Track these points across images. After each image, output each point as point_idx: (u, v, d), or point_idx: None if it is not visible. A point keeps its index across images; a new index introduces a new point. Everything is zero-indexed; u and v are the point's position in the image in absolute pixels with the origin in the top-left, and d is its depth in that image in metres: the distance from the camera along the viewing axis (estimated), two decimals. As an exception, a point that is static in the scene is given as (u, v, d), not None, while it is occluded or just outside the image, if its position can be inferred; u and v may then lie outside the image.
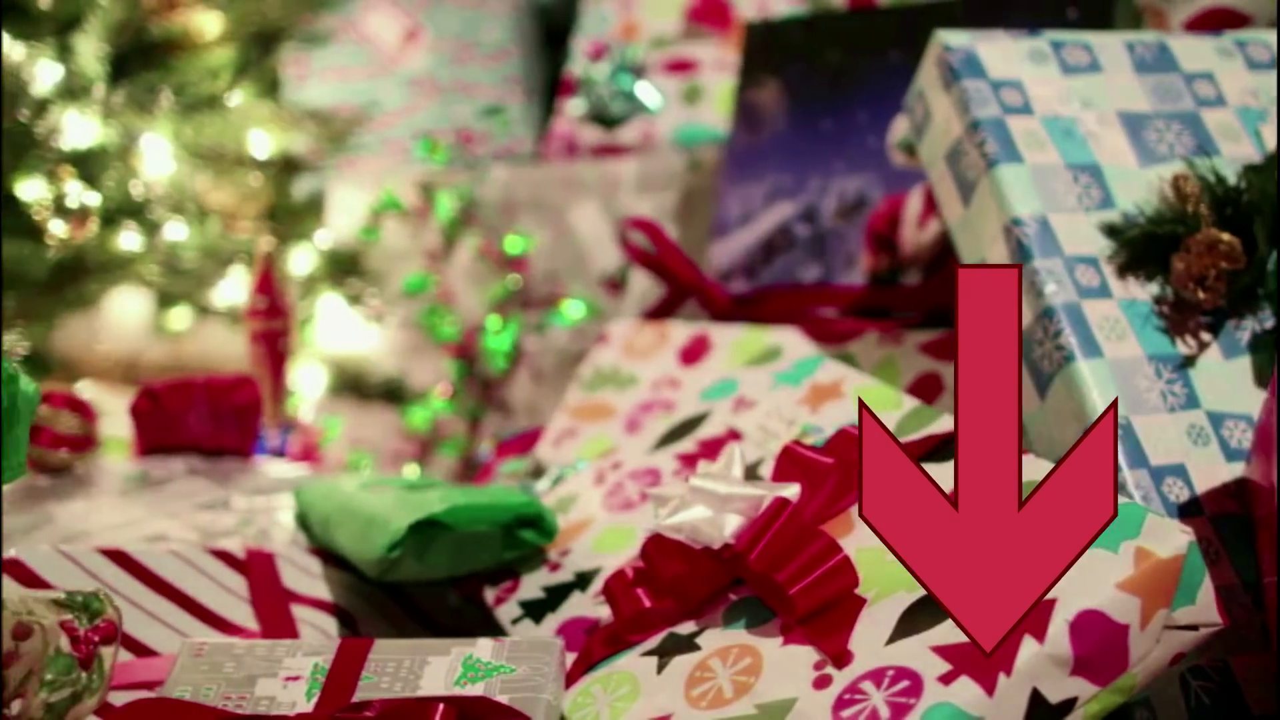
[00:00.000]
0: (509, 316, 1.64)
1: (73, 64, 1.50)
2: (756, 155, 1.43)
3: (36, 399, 0.93)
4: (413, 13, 1.93)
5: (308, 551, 1.18)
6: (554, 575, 1.06)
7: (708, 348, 1.32)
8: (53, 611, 0.78)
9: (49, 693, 0.77)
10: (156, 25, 1.57)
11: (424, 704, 0.85)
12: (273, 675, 0.92)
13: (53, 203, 1.48)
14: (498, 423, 1.67)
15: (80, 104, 1.51)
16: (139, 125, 1.55)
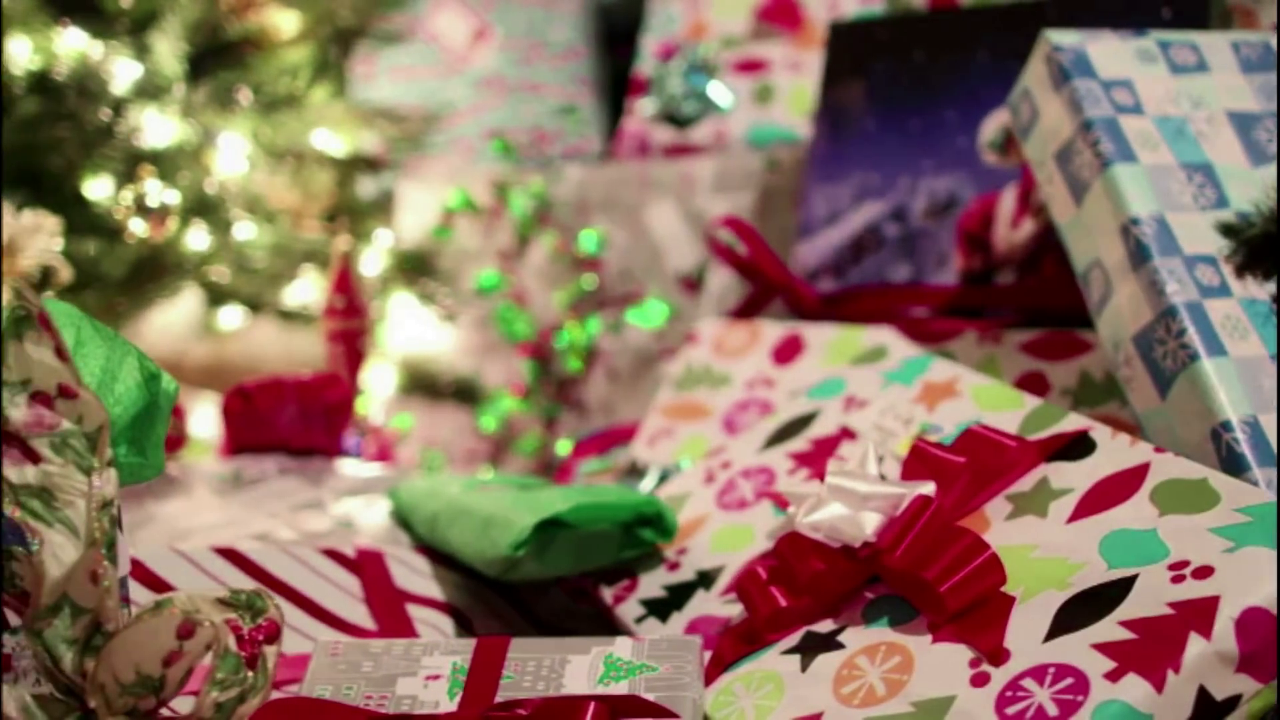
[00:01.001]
0: (585, 316, 1.64)
1: (150, 63, 1.49)
2: (842, 155, 1.44)
3: (175, 396, 0.93)
4: (481, 12, 1.93)
5: (414, 551, 1.18)
6: (674, 574, 1.06)
7: (801, 347, 1.32)
8: (219, 610, 0.78)
9: (219, 692, 0.77)
10: (233, 24, 1.57)
11: (576, 702, 0.85)
12: (413, 674, 0.92)
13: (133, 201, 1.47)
14: (573, 422, 1.67)
15: (160, 103, 1.51)
16: (218, 124, 1.55)
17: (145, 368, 0.91)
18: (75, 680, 0.79)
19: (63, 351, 0.79)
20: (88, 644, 0.79)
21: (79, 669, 0.79)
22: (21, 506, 0.78)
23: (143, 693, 0.78)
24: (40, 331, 0.78)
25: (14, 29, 1.47)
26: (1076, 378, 1.19)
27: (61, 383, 0.79)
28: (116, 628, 0.79)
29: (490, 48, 1.90)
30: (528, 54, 1.91)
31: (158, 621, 0.76)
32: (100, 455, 0.79)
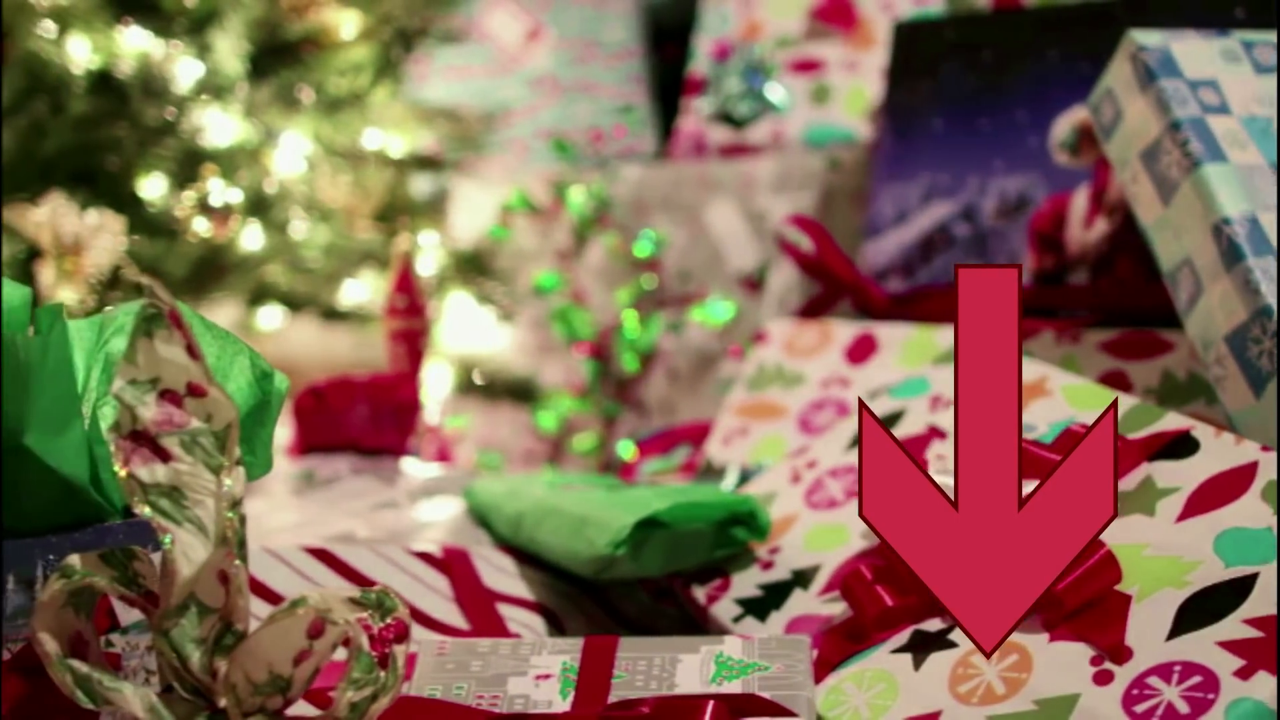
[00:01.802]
0: (645, 316, 1.64)
1: (211, 61, 1.49)
2: (909, 155, 1.44)
3: (285, 395, 0.92)
4: (534, 12, 1.92)
5: (499, 550, 1.17)
6: (768, 574, 1.06)
7: (875, 346, 1.32)
8: (351, 610, 0.77)
9: (354, 691, 0.76)
10: (293, 23, 1.57)
11: (695, 701, 0.85)
12: (523, 674, 0.92)
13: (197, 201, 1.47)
14: (632, 422, 1.67)
15: (222, 102, 1.50)
16: (279, 124, 1.55)
17: (257, 366, 0.90)
18: (203, 680, 0.79)
19: (194, 349, 0.78)
20: (218, 643, 0.78)
21: (208, 669, 0.79)
22: (151, 505, 0.78)
23: (271, 692, 0.78)
24: (170, 329, 0.78)
25: (74, 28, 1.47)
26: (1159, 377, 1.19)
27: (191, 381, 0.79)
28: (246, 627, 0.79)
29: (543, 48, 1.90)
30: (582, 54, 1.90)
31: (291, 621, 0.76)
32: (229, 454, 0.79)
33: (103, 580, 0.80)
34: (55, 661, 0.78)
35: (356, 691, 0.76)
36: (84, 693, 0.79)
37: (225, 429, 0.79)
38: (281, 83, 1.56)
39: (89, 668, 0.79)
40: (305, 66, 1.57)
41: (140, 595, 0.81)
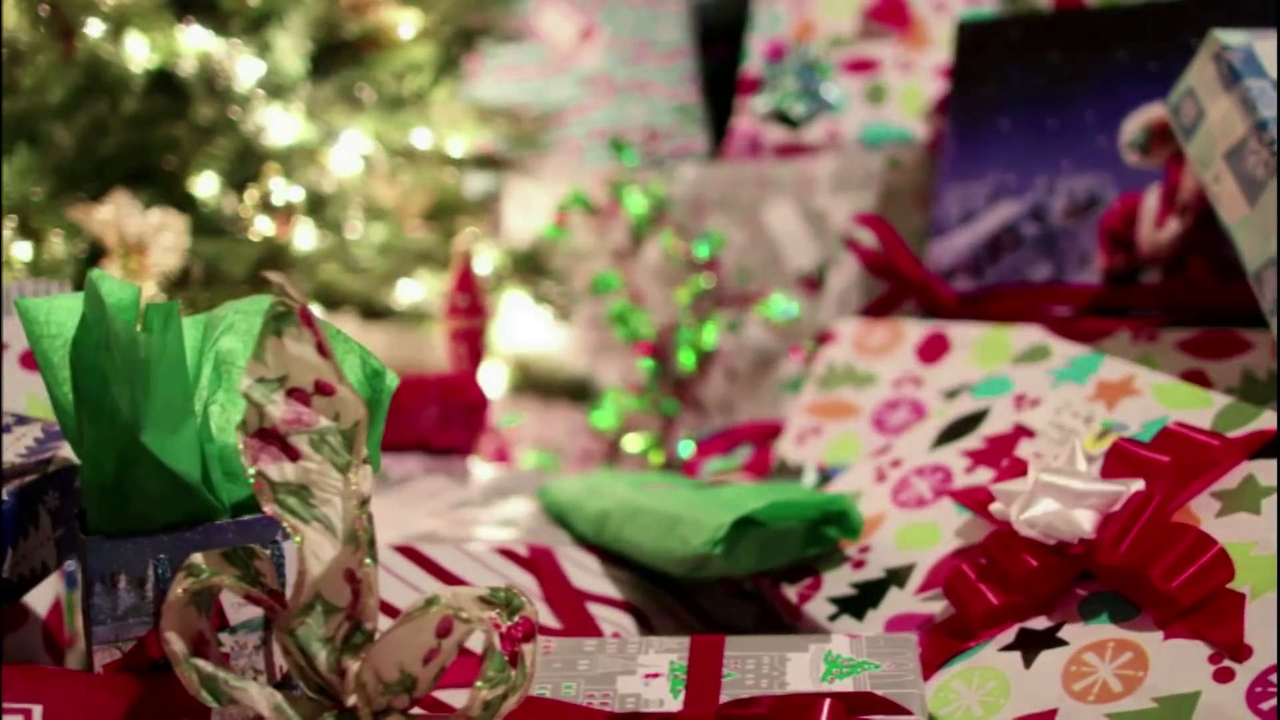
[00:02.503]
0: (705, 315, 1.63)
1: (271, 60, 1.49)
2: (975, 154, 1.44)
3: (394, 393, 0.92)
4: (588, 11, 1.92)
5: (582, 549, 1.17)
6: (861, 572, 1.06)
7: (947, 345, 1.32)
8: (481, 609, 0.77)
9: (488, 690, 0.76)
10: (353, 22, 1.56)
11: (811, 700, 0.85)
12: (631, 673, 0.92)
13: (259, 200, 1.46)
14: (690, 422, 1.67)
15: (284, 101, 1.50)
16: (340, 122, 1.54)
17: (368, 364, 0.90)
18: (330, 679, 0.79)
19: (324, 348, 0.78)
20: (347, 642, 0.78)
21: (335, 668, 0.78)
22: (279, 504, 0.78)
23: (399, 691, 0.78)
24: (300, 327, 0.78)
25: (132, 27, 1.46)
26: (1239, 376, 1.19)
27: (319, 379, 0.79)
28: (375, 627, 0.79)
29: (596, 47, 1.90)
30: (635, 53, 1.90)
31: (424, 620, 0.76)
32: (356, 452, 0.79)
33: (228, 579, 0.80)
34: (182, 661, 0.78)
35: (490, 690, 0.76)
36: (209, 692, 0.79)
37: (353, 427, 0.79)
38: (343, 82, 1.55)
39: (213, 667, 0.79)
40: (365, 66, 1.56)
41: (266, 594, 0.81)
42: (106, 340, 0.83)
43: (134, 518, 0.87)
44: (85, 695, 0.83)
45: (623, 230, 1.70)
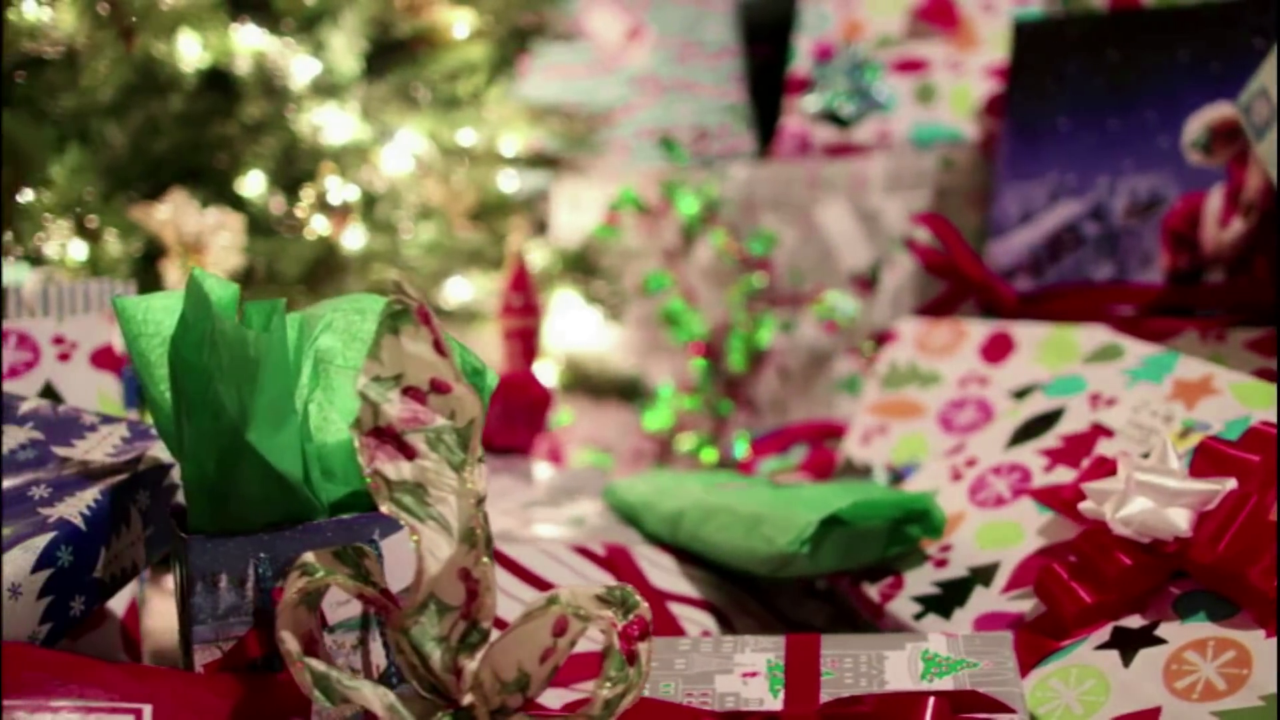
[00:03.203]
0: (758, 314, 1.63)
1: (326, 59, 1.48)
2: (1034, 154, 1.44)
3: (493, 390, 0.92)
4: (635, 11, 1.92)
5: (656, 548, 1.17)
6: (944, 571, 1.06)
7: (1011, 345, 1.32)
8: (599, 607, 0.77)
9: (609, 689, 0.76)
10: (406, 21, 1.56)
11: (915, 698, 0.85)
12: (728, 671, 0.92)
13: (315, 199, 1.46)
14: (742, 421, 1.67)
15: (339, 100, 1.49)
16: (395, 122, 1.54)
17: (468, 362, 0.90)
18: (444, 678, 0.78)
19: (441, 346, 0.78)
20: (463, 641, 0.78)
21: (450, 667, 0.78)
22: (395, 502, 0.78)
23: (514, 690, 0.78)
24: (417, 326, 0.78)
25: (185, 25, 1.46)
26: (1311, 375, 1.20)
27: (435, 377, 0.78)
28: (491, 626, 0.78)
29: (644, 47, 1.89)
30: (682, 53, 1.90)
31: (544, 619, 0.76)
32: (471, 450, 0.79)
33: (341, 577, 0.80)
34: (296, 660, 0.78)
35: (611, 689, 0.76)
36: (322, 691, 0.78)
37: (468, 425, 0.79)
38: (398, 81, 1.55)
39: (325, 666, 0.79)
40: (418, 65, 1.56)
41: (379, 593, 0.81)
42: (211, 338, 0.83)
43: (235, 517, 0.87)
44: (192, 695, 0.82)
45: (673, 230, 1.70)
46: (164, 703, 0.81)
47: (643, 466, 1.70)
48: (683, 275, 1.69)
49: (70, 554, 0.90)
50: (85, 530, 0.91)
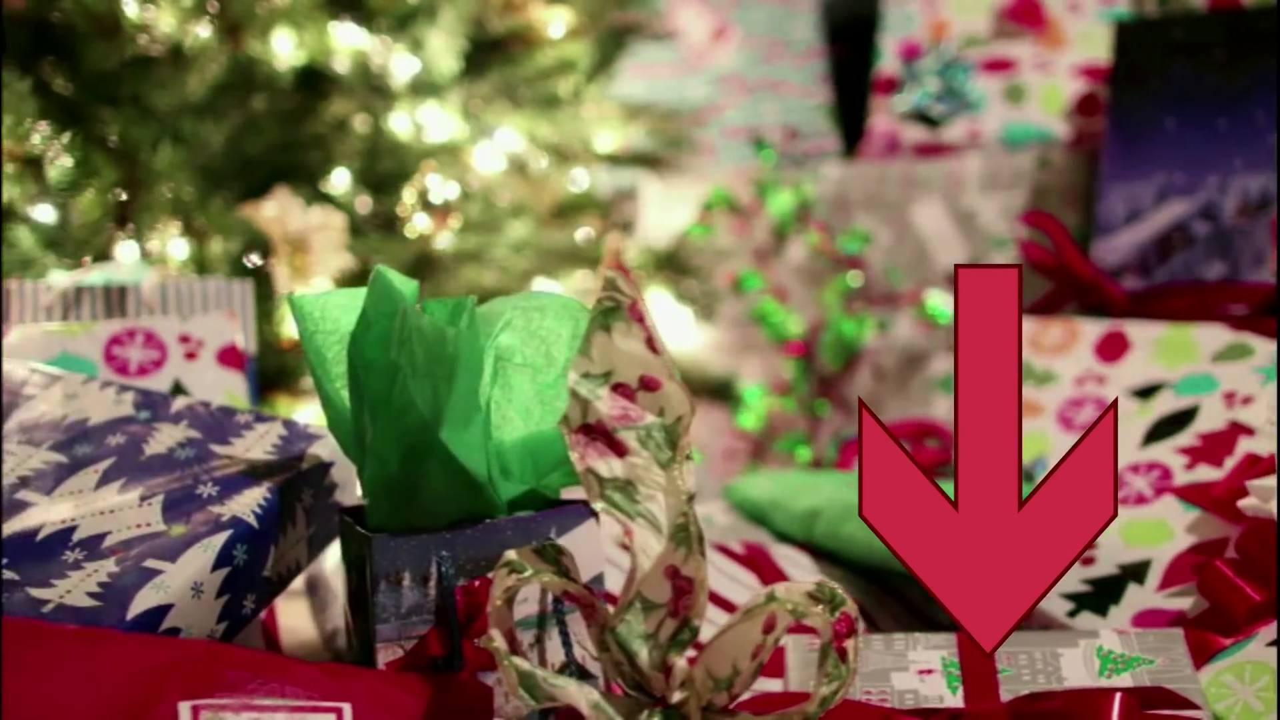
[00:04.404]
0: (853, 314, 1.63)
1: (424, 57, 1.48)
2: (1140, 154, 1.44)
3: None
4: (721, 10, 1.91)
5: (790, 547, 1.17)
6: (1091, 569, 1.06)
7: (1126, 344, 1.33)
8: (810, 604, 0.77)
9: (826, 686, 0.76)
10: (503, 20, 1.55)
11: (1103, 694, 0.85)
12: (903, 669, 0.92)
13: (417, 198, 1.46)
14: (837, 421, 1.67)
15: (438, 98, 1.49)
16: (494, 120, 1.53)
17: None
18: (652, 676, 0.78)
19: (654, 343, 0.78)
20: (674, 639, 0.78)
21: (658, 665, 0.78)
22: (606, 500, 0.77)
23: (723, 688, 0.78)
24: (629, 323, 0.78)
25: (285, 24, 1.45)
26: None
27: (644, 374, 0.78)
28: (701, 624, 0.78)
29: (730, 46, 1.89)
30: (768, 52, 1.90)
31: (759, 615, 0.76)
32: (680, 448, 0.78)
33: (549, 576, 0.80)
34: (504, 659, 0.78)
35: (828, 685, 0.76)
36: (527, 690, 0.78)
37: (676, 423, 0.79)
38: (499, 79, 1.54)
39: (530, 665, 0.78)
40: (515, 64, 1.56)
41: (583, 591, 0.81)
42: (400, 334, 0.83)
43: (419, 515, 0.87)
44: (387, 693, 0.82)
45: (764, 229, 1.70)
46: (361, 701, 0.81)
47: (736, 467, 1.70)
48: (774, 275, 1.69)
49: (245, 552, 0.89)
50: (257, 528, 0.91)
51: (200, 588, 0.87)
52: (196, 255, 1.41)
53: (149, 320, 1.20)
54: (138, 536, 0.89)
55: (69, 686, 0.73)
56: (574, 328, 0.90)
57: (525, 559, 0.80)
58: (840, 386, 1.66)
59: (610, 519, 0.78)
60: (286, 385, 1.36)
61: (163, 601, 0.84)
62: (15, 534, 0.89)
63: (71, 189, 1.26)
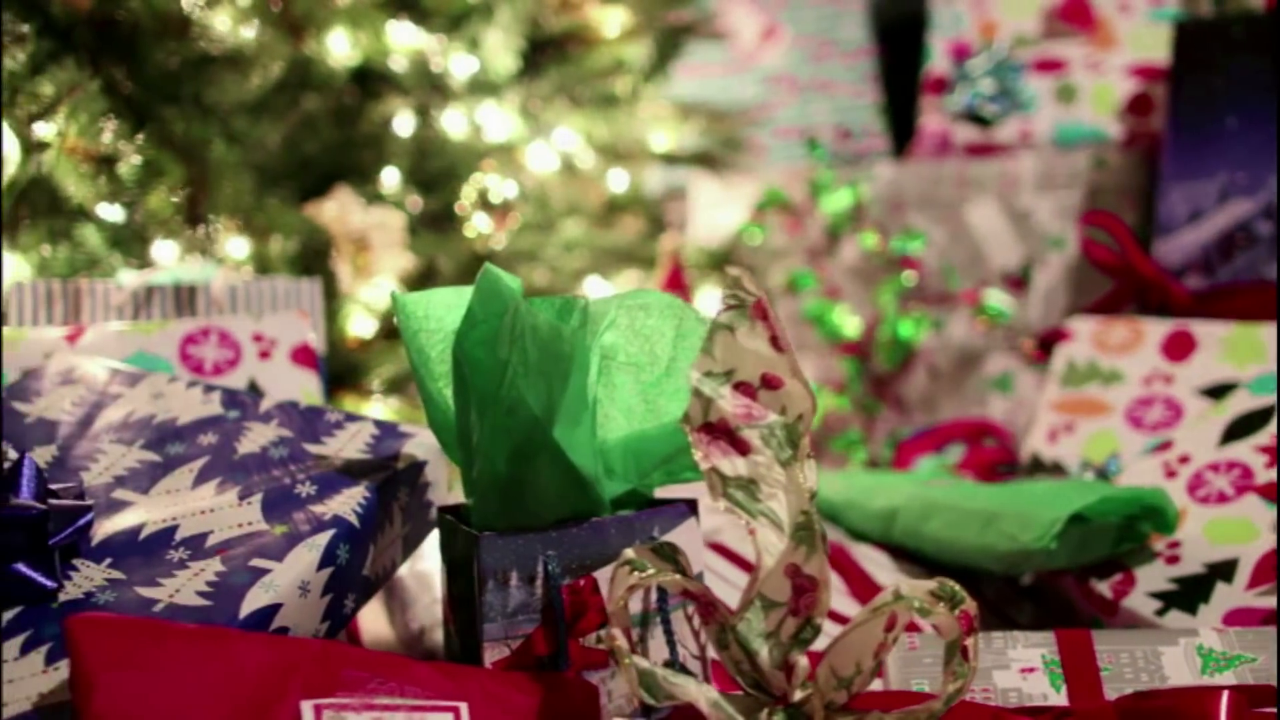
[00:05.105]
0: (910, 313, 1.63)
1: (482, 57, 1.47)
2: (1201, 153, 1.44)
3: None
4: (771, 10, 1.91)
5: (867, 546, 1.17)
6: (1176, 568, 1.06)
7: (1194, 343, 1.33)
8: (932, 603, 0.77)
9: (953, 684, 0.76)
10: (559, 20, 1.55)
11: (1210, 692, 0.85)
12: (1004, 667, 0.92)
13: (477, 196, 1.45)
14: (892, 420, 1.67)
15: (496, 97, 1.49)
16: (554, 120, 1.53)
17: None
18: (773, 675, 0.78)
19: (778, 341, 0.78)
20: (796, 637, 0.78)
21: (779, 663, 0.78)
22: (729, 498, 0.77)
23: (843, 686, 0.78)
24: (754, 322, 0.78)
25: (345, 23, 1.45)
26: None
27: (767, 372, 0.78)
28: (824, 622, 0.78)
29: (779, 46, 1.89)
30: (818, 52, 1.89)
31: (883, 614, 0.76)
32: (801, 447, 0.78)
33: (671, 575, 0.79)
34: (626, 658, 0.78)
35: (954, 683, 0.76)
36: (646, 689, 0.78)
37: (797, 421, 0.79)
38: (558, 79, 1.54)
39: (649, 664, 0.78)
40: (572, 63, 1.56)
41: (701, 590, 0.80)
42: (514, 333, 0.83)
43: (528, 514, 0.86)
44: (501, 693, 0.82)
45: (818, 228, 1.70)
46: (477, 701, 0.80)
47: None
48: (828, 274, 1.69)
49: (347, 552, 0.89)
50: (358, 528, 0.90)
51: (306, 587, 0.86)
52: (257, 254, 1.40)
53: (222, 319, 1.19)
54: (240, 536, 0.88)
55: (196, 685, 0.73)
56: (677, 326, 0.90)
57: (644, 558, 0.80)
58: (895, 386, 1.66)
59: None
60: (354, 384, 1.35)
61: (272, 601, 0.84)
62: (117, 533, 0.89)
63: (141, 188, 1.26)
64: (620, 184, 1.66)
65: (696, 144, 1.73)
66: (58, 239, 1.30)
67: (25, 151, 1.19)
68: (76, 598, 0.84)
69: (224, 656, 0.75)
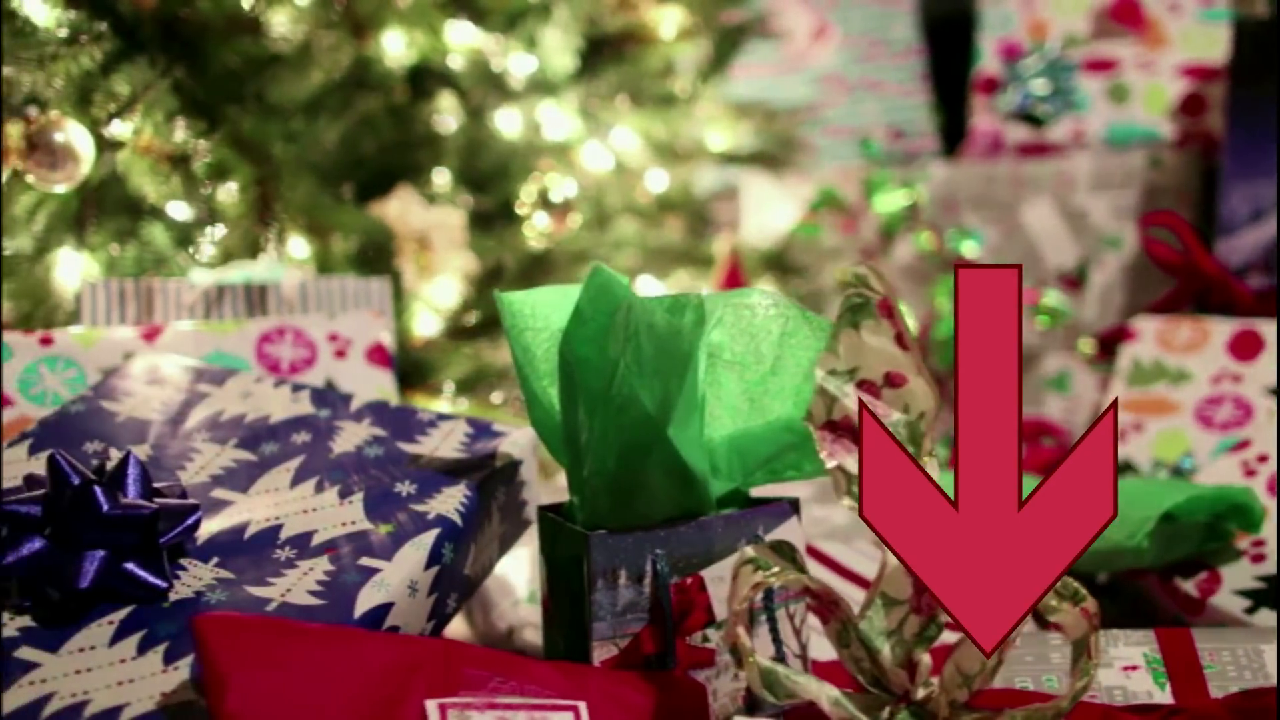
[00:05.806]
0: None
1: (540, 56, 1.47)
2: (1262, 152, 1.45)
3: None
4: (821, 10, 1.91)
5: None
6: (1262, 566, 1.07)
7: (1260, 343, 1.33)
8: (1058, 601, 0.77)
9: (1080, 681, 0.76)
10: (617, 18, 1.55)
11: (1321, 691, 0.85)
12: (1108, 665, 0.92)
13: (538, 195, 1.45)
14: (948, 419, 1.67)
15: (555, 97, 1.48)
16: (612, 119, 1.53)
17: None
18: (895, 673, 0.78)
19: (903, 339, 0.78)
20: (920, 635, 0.78)
21: (902, 661, 0.78)
22: (853, 496, 0.77)
23: (965, 684, 0.78)
24: (878, 319, 0.78)
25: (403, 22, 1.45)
26: None
27: (890, 370, 0.78)
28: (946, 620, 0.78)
29: (830, 46, 1.89)
30: (867, 52, 1.90)
31: (1012, 612, 0.76)
32: (922, 445, 0.78)
33: (793, 573, 0.79)
34: (750, 657, 0.77)
35: (1081, 681, 0.76)
36: (768, 687, 0.78)
37: (919, 419, 0.79)
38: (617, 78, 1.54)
39: (771, 663, 0.78)
40: (629, 63, 1.55)
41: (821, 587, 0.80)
42: (628, 331, 0.82)
43: (637, 513, 0.86)
44: (618, 692, 0.82)
45: (871, 228, 1.70)
46: (595, 700, 0.80)
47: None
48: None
49: (452, 551, 0.89)
50: (461, 526, 0.90)
51: (415, 586, 0.86)
52: (318, 254, 1.40)
53: (297, 319, 1.19)
54: (346, 535, 0.88)
55: (326, 683, 0.73)
56: (783, 325, 0.90)
57: (766, 556, 0.80)
58: (951, 386, 1.66)
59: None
60: (421, 383, 1.35)
61: (384, 600, 0.84)
62: (221, 532, 0.89)
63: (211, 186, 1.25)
64: (668, 184, 1.65)
65: (751, 144, 1.73)
66: (125, 238, 1.30)
67: (99, 151, 1.19)
68: (187, 597, 0.84)
69: (350, 655, 0.75)
